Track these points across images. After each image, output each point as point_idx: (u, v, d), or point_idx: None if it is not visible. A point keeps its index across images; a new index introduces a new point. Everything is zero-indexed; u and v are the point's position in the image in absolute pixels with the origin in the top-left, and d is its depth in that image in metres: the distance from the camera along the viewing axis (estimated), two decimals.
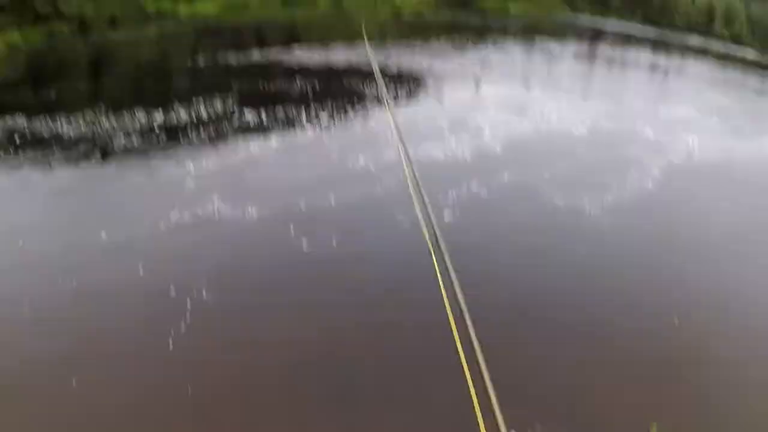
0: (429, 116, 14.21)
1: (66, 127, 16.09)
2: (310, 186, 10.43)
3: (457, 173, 10.81)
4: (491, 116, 14.25)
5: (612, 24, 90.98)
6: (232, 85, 19.17)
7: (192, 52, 35.04)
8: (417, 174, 5.75)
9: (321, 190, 10.02)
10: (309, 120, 14.02)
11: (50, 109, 19.12)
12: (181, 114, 15.35)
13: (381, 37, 35.04)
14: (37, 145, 14.71)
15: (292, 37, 38.60)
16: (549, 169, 11.10)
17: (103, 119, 16.06)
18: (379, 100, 16.19)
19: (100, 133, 14.89)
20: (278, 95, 17.27)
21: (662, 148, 14.03)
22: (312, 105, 15.41)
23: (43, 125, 16.81)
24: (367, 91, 17.41)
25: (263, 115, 14.43)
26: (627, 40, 51.72)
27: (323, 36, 37.19)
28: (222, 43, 37.57)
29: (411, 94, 16.73)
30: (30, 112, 18.80)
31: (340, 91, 17.57)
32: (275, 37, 39.11)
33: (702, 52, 57.07)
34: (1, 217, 11.12)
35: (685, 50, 54.81)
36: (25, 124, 17.35)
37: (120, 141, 13.85)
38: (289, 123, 13.98)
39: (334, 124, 13.63)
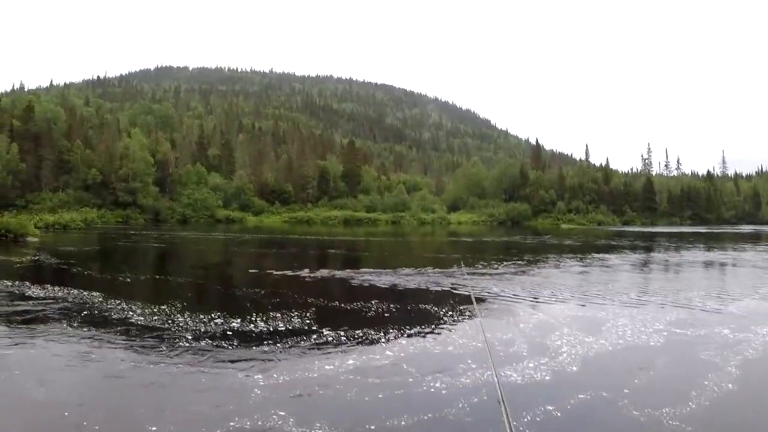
0: (504, 339, 13.74)
1: (132, 312, 16.05)
2: (383, 408, 9.93)
3: (536, 393, 10.24)
4: (566, 336, 13.76)
5: (662, 228, 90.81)
6: (301, 297, 19.14)
7: (258, 259, 35.86)
8: (501, 397, 5.39)
9: (395, 412, 9.53)
10: (386, 340, 13.59)
11: (117, 291, 19.31)
12: (254, 322, 15.18)
13: (444, 258, 35.65)
14: (102, 325, 14.58)
15: (354, 253, 39.48)
16: (628, 384, 10.57)
17: (172, 313, 16.02)
18: (452, 321, 15.89)
19: (167, 325, 14.78)
20: (353, 313, 17.04)
21: (738, 346, 13.34)
22: (388, 325, 15.06)
23: (110, 306, 16.87)
24: (441, 311, 17.17)
25: (337, 332, 14.12)
26: (680, 241, 52.14)
27: (389, 257, 37.97)
28: (288, 254, 38.72)
29: (484, 317, 16.41)
30: (97, 290, 19.03)
31: (415, 312, 17.30)
32: (340, 253, 39.95)
33: (755, 239, 57.30)
34: (51, 392, 10.64)
35: (739, 240, 54.90)
36: (92, 301, 17.46)
37: (187, 337, 13.59)
38: (365, 342, 13.55)
39: (412, 345, 13.16)
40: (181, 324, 14.69)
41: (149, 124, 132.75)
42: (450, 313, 16.46)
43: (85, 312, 16.25)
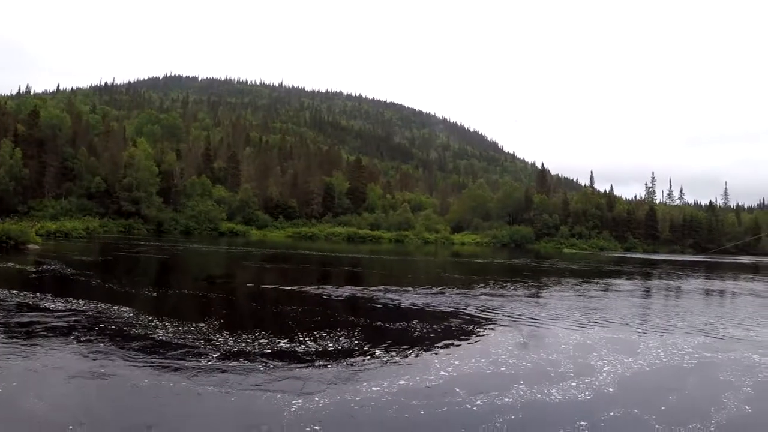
0: (550, 359, 13.10)
1: (146, 326, 15.20)
2: (425, 423, 9.12)
3: (576, 410, 9.71)
4: (605, 357, 13.41)
5: (664, 255, 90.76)
6: (329, 315, 18.38)
7: (270, 274, 34.86)
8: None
9: (438, 428, 8.84)
10: (435, 360, 12.79)
11: (125, 303, 18.40)
12: (285, 340, 14.31)
13: (447, 277, 34.98)
14: (114, 339, 13.68)
15: (369, 271, 38.58)
16: (662, 402, 10.38)
17: (190, 328, 15.07)
18: (494, 341, 15.20)
19: (186, 341, 13.81)
20: (390, 332, 16.25)
21: (759, 369, 13.13)
22: (430, 344, 14.33)
23: (120, 319, 15.95)
24: (480, 331, 16.50)
25: (377, 352, 13.34)
26: (686, 269, 51.92)
27: (404, 275, 37.29)
28: (302, 270, 37.82)
29: (524, 338, 15.81)
30: (104, 301, 18.15)
31: (454, 331, 16.61)
32: (355, 270, 39.04)
33: (755, 270, 57.14)
34: (54, 407, 9.70)
35: (742, 270, 55.17)
36: (101, 313, 16.53)
37: (211, 355, 12.66)
38: (412, 362, 12.73)
39: (449, 366, 12.31)
40: (201, 340, 13.60)
41: (155, 133, 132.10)
42: (490, 333, 15.92)
43: (93, 324, 15.17)
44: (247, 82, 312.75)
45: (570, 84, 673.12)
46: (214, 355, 12.29)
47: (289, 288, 25.15)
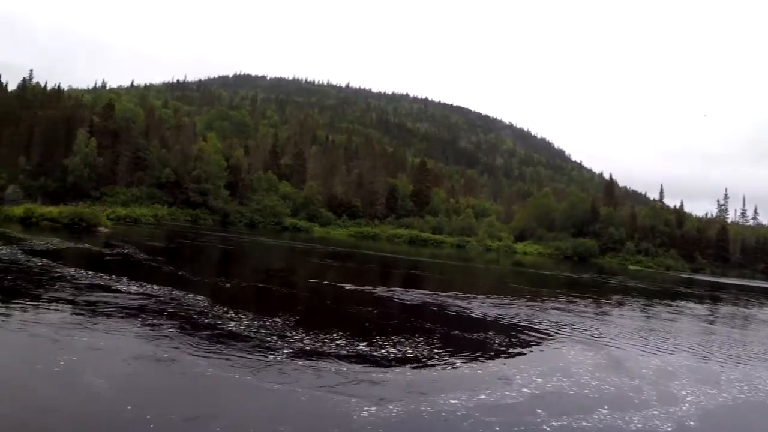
0: (632, 385, 12.33)
1: (213, 315, 14.98)
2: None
3: None
4: (687, 386, 12.50)
5: (734, 280, 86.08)
6: (405, 320, 17.83)
7: (340, 273, 34.43)
8: None
9: None
10: (506, 376, 12.03)
11: (192, 290, 18.26)
12: (360, 342, 13.85)
13: (515, 288, 34.04)
14: (182, 325, 13.46)
15: (436, 276, 37.95)
16: None
17: (260, 321, 14.74)
18: (574, 361, 14.40)
19: (256, 334, 13.51)
20: (469, 342, 15.69)
21: None
22: (503, 360, 13.65)
23: (189, 305, 15.80)
24: (559, 349, 15.70)
25: (457, 362, 12.75)
26: (758, 296, 49.21)
27: (473, 283, 36.49)
28: (370, 270, 37.46)
29: (604, 360, 15.02)
30: (174, 287, 18.13)
31: (528, 346, 15.90)
32: (423, 275, 38.49)
33: None
34: (112, 386, 9.28)
35: None
36: (172, 299, 16.45)
37: (282, 351, 12.22)
38: (494, 376, 12.03)
39: (531, 384, 11.57)
40: (274, 336, 13.00)
41: (225, 129, 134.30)
42: (569, 351, 15.14)
43: (162, 309, 14.75)
44: (314, 82, 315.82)
45: (642, 95, 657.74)
46: (286, 352, 11.78)
47: (360, 288, 24.62)
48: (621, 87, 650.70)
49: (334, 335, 13.84)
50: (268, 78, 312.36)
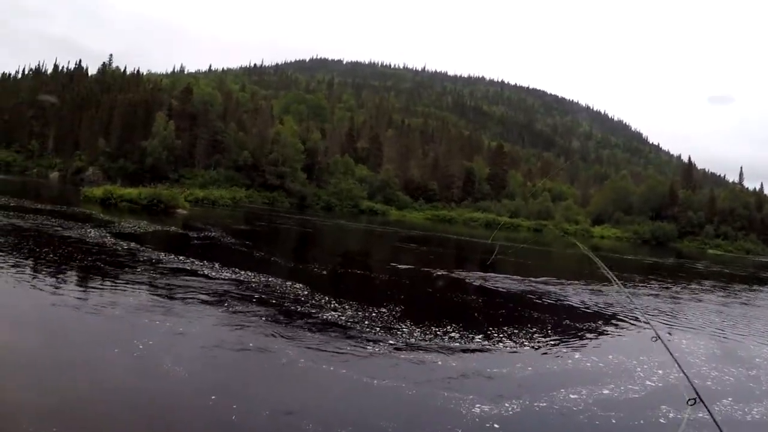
0: (740, 375, 11.22)
1: (304, 302, 14.41)
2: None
3: None
4: None
5: None
6: (520, 311, 16.74)
7: (422, 257, 33.33)
8: None
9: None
10: (626, 370, 10.80)
11: (274, 274, 17.85)
12: (471, 334, 12.78)
13: (601, 274, 31.89)
14: (279, 314, 13.27)
15: (528, 262, 36.49)
16: None
17: (361, 310, 13.95)
18: (681, 349, 13.32)
19: (355, 324, 12.61)
20: (576, 333, 14.54)
21: None
22: (618, 352, 12.50)
23: (274, 291, 15.67)
24: (667, 337, 14.58)
25: (575, 356, 11.71)
26: None
27: (550, 268, 35.11)
28: (453, 254, 36.16)
29: (709, 348, 13.81)
30: (257, 271, 17.90)
31: (639, 337, 15.05)
32: (517, 262, 37.01)
33: None
34: (206, 375, 8.90)
35: None
36: (254, 284, 15.96)
37: (386, 340, 11.19)
38: (604, 369, 10.78)
39: (653, 376, 10.36)
40: (375, 326, 12.06)
41: (301, 112, 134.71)
42: (681, 341, 14.46)
43: (251, 295, 14.02)
44: (390, 65, 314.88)
45: (722, 74, 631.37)
46: (389, 343, 10.96)
47: (454, 274, 23.83)
48: (702, 67, 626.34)
49: (442, 326, 12.84)
50: (344, 62, 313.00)
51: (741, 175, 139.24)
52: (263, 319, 11.78)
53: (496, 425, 7.45)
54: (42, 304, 11.50)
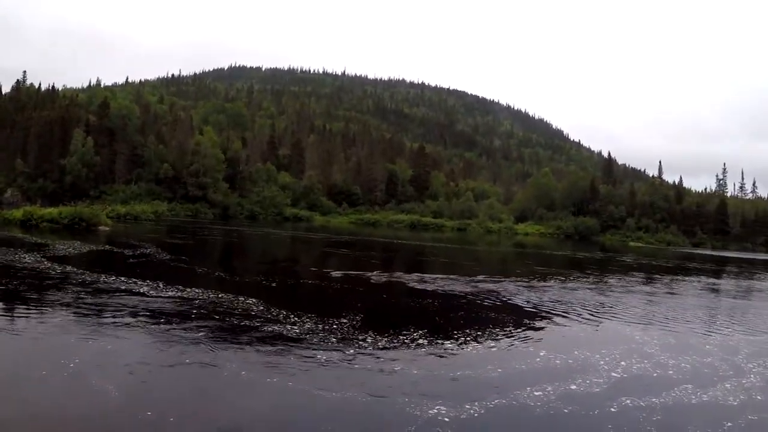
0: (695, 363, 12.76)
1: (237, 311, 14.70)
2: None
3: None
4: (750, 360, 13.09)
5: (735, 253, 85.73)
6: (475, 311, 17.78)
7: (355, 261, 34.21)
8: None
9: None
10: (591, 365, 12.09)
11: (196, 285, 18.16)
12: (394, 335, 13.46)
13: (533, 269, 34.15)
14: (220, 328, 13.04)
15: (456, 261, 37.95)
16: None
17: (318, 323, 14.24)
18: (638, 340, 14.72)
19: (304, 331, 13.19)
20: (540, 332, 15.79)
21: None
22: (580, 347, 13.76)
23: (198, 301, 15.59)
24: (621, 330, 16.07)
25: (540, 353, 12.76)
26: (761, 268, 49.92)
27: (484, 266, 36.69)
28: (391, 258, 37.29)
29: (665, 339, 15.37)
30: (200, 285, 18.17)
31: (594, 332, 16.20)
32: (442, 261, 38.36)
33: None
34: (137, 393, 9.04)
35: None
36: (200, 298, 16.11)
37: (344, 349, 11.84)
38: (567, 365, 12.05)
39: (611, 372, 11.69)
40: (325, 336, 12.39)
41: (221, 122, 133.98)
42: (635, 333, 15.21)
43: (186, 310, 14.25)
44: (310, 71, 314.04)
45: (640, 71, 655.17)
46: (342, 351, 10.80)
47: (396, 278, 24.14)
48: (619, 64, 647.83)
49: (395, 331, 13.33)
50: (263, 69, 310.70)
51: (660, 168, 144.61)
52: (201, 334, 11.91)
53: (455, 426, 7.84)
54: None
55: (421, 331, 13.37)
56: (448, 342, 12.80)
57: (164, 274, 20.46)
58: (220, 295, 16.29)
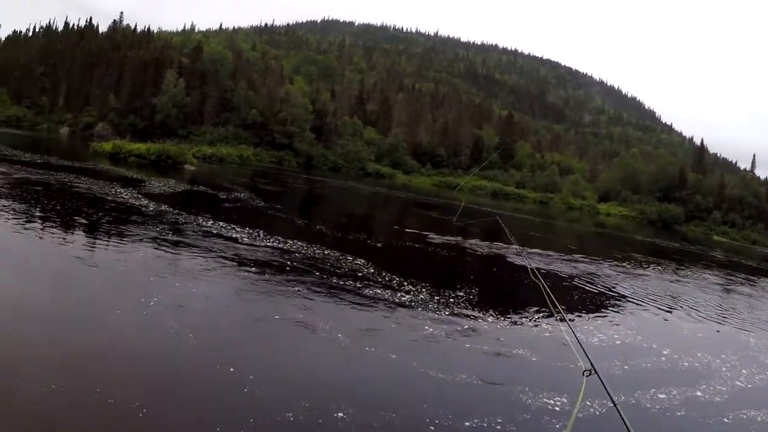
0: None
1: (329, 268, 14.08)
2: None
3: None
4: None
5: None
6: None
7: (418, 221, 33.13)
8: None
9: None
10: (712, 370, 10.95)
11: (283, 234, 17.82)
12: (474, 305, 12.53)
13: (613, 254, 32.43)
14: (262, 270, 12.43)
15: (555, 238, 36.75)
16: None
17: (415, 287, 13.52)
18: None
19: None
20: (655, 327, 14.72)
21: None
22: (691, 348, 12.78)
23: (281, 250, 15.18)
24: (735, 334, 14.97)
25: (663, 351, 11.80)
26: None
27: (574, 245, 35.44)
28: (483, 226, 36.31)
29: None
30: (264, 229, 17.99)
31: (700, 330, 15.46)
32: (549, 238, 37.02)
33: None
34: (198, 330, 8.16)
35: None
36: (293, 250, 15.73)
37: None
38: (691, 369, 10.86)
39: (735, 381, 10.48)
40: (442, 307, 11.80)
41: (311, 73, 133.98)
42: (749, 340, 14.27)
43: (266, 257, 13.74)
44: (402, 29, 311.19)
45: (741, 58, 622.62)
46: (463, 328, 10.52)
47: (498, 251, 23.40)
48: (720, 48, 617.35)
49: (519, 312, 12.98)
50: (356, 24, 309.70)
51: (753, 162, 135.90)
52: (297, 288, 11.48)
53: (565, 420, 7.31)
54: (55, 256, 11.52)
55: (537, 316, 12.50)
56: (564, 328, 11.55)
57: (260, 221, 20.11)
58: (323, 251, 15.52)
